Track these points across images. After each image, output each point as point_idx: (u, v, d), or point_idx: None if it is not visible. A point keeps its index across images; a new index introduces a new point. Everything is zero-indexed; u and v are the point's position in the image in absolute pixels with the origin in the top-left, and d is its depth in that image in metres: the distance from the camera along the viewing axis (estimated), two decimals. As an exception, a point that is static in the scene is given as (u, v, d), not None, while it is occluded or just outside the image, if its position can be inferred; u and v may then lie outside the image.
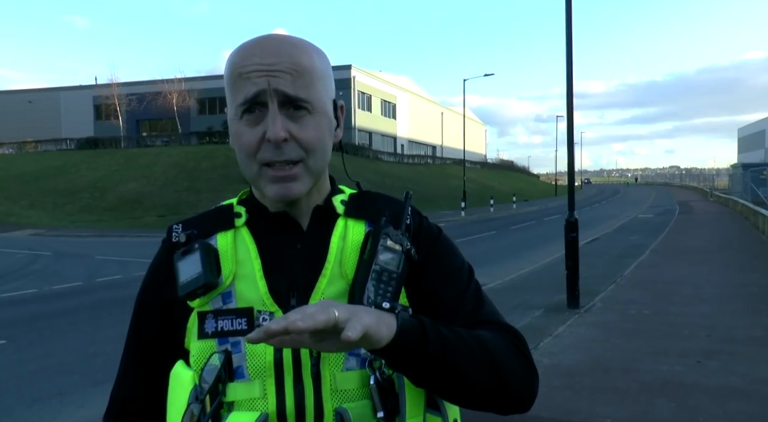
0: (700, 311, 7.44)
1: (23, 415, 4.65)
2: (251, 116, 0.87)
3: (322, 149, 0.91)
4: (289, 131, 0.86)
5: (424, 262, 0.95)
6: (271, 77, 0.85)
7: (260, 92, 0.86)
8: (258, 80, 0.85)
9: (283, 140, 0.86)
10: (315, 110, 0.89)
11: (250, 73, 0.86)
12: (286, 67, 0.86)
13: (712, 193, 41.57)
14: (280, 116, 0.86)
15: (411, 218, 0.96)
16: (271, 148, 0.86)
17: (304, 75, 0.87)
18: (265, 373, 0.87)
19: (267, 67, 0.85)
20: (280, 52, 0.87)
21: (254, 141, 0.87)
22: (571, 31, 8.36)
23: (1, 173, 36.11)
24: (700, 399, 4.46)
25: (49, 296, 9.89)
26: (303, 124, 0.88)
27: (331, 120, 0.94)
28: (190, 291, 0.89)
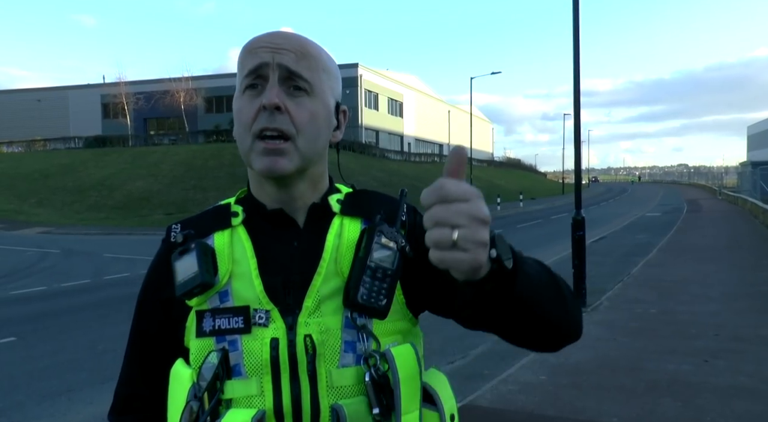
0: (708, 310, 7.41)
1: (33, 411, 4.69)
2: (253, 91, 0.90)
3: (314, 133, 0.92)
4: (285, 104, 0.89)
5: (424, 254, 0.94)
6: (276, 53, 0.90)
7: (263, 64, 0.89)
8: (263, 55, 0.90)
9: (276, 108, 0.88)
10: (314, 93, 0.92)
11: (257, 49, 0.90)
12: (292, 47, 0.91)
13: (720, 191, 41.27)
14: (277, 87, 0.89)
15: (406, 215, 0.96)
16: (266, 116, 0.88)
17: (309, 58, 0.92)
18: (262, 371, 0.87)
19: (275, 45, 0.90)
20: (291, 37, 0.93)
21: (252, 112, 0.89)
22: (578, 28, 8.34)
23: (11, 171, 36.36)
24: (708, 399, 4.44)
25: (57, 293, 9.96)
26: (299, 103, 0.90)
27: (331, 113, 0.96)
28: (187, 290, 0.90)
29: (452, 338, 6.37)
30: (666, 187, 74.44)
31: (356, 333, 0.89)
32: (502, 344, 4.66)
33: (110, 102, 49.24)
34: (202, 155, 34.97)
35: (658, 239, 15.70)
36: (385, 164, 43.91)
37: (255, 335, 0.89)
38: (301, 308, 0.90)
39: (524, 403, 4.47)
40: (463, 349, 6.07)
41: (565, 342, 0.91)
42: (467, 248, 0.67)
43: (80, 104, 52.60)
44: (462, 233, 0.66)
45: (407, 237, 0.94)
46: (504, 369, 5.30)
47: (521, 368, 5.30)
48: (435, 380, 0.96)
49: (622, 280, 9.80)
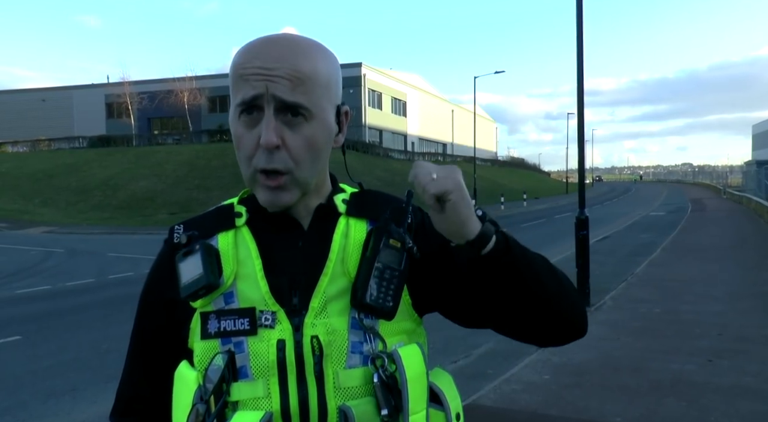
0: (712, 310, 7.39)
1: (38, 410, 4.72)
2: (248, 118, 0.88)
3: (312, 159, 0.91)
4: (283, 137, 0.87)
5: (431, 254, 0.95)
6: (270, 82, 0.86)
7: (257, 96, 0.86)
8: (257, 84, 0.86)
9: (275, 147, 0.86)
10: (312, 117, 0.89)
11: (249, 76, 0.86)
12: (285, 73, 0.86)
13: (725, 190, 41.13)
14: (273, 122, 0.87)
15: (413, 216, 0.96)
16: (264, 154, 0.87)
17: (305, 82, 0.87)
18: (268, 372, 0.87)
19: (267, 72, 0.86)
20: (283, 56, 0.87)
21: (251, 146, 0.88)
22: (581, 27, 8.32)
23: (16, 171, 36.49)
24: (712, 399, 4.43)
25: (62, 292, 10.00)
26: (297, 132, 0.88)
27: (331, 127, 0.94)
28: (192, 292, 0.89)
29: (455, 337, 6.37)
30: (670, 186, 74.22)
31: (363, 333, 0.89)
32: (505, 343, 4.68)
33: (114, 102, 49.37)
34: (205, 155, 35.02)
35: (661, 239, 15.66)
36: (389, 163, 43.90)
37: (261, 336, 0.88)
38: (307, 309, 0.89)
39: (527, 403, 4.47)
40: (467, 348, 6.07)
41: (569, 333, 0.93)
42: (445, 175, 0.84)
43: (84, 104, 52.72)
44: (437, 171, 0.84)
45: (414, 238, 0.94)
46: (507, 368, 5.30)
47: (524, 367, 5.30)
48: (440, 379, 0.97)
49: (625, 280, 9.78)
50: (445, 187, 0.82)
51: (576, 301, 0.94)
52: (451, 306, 0.98)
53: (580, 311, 0.95)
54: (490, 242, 0.86)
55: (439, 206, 0.83)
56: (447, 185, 0.83)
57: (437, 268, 0.95)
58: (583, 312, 0.96)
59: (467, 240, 0.85)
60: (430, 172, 0.84)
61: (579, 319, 0.94)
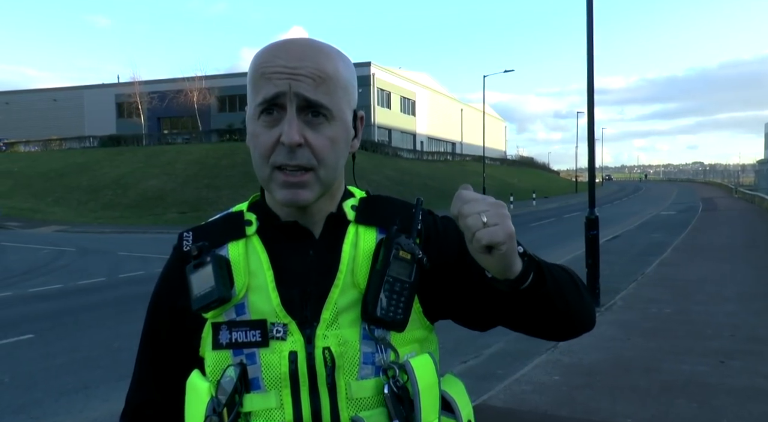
0: (724, 310, 7.33)
1: (51, 408, 4.76)
2: (269, 118, 0.87)
3: (334, 160, 0.90)
4: (305, 136, 0.86)
5: (443, 258, 0.95)
6: (293, 81, 0.85)
7: (280, 94, 0.85)
8: (279, 82, 0.85)
9: (297, 145, 0.85)
10: (333, 117, 0.88)
11: (272, 75, 0.85)
12: (309, 72, 0.85)
13: (736, 189, 40.80)
14: (296, 120, 0.85)
15: (422, 222, 0.96)
16: (285, 151, 0.86)
17: (327, 82, 0.87)
18: (280, 384, 0.87)
19: (290, 70, 0.85)
20: (306, 56, 0.86)
21: (269, 143, 0.86)
22: (592, 26, 8.27)
23: (28, 170, 36.82)
24: (724, 400, 4.40)
25: (74, 291, 10.09)
26: (319, 131, 0.87)
27: (350, 129, 0.93)
28: (204, 305, 0.88)
29: (465, 338, 6.36)
30: (680, 185, 73.70)
31: (375, 344, 0.89)
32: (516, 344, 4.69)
33: (124, 102, 49.67)
34: (215, 154, 35.16)
35: (672, 238, 15.55)
36: (398, 162, 43.87)
37: (273, 348, 0.88)
38: (318, 320, 0.89)
39: (538, 403, 4.46)
40: (477, 349, 6.06)
41: (582, 331, 0.98)
42: (496, 222, 0.80)
43: (95, 104, 53.08)
44: (488, 214, 0.80)
45: (424, 245, 0.93)
46: (517, 368, 5.28)
47: (535, 368, 5.28)
48: (452, 387, 0.97)
49: (636, 279, 9.72)
50: (497, 239, 0.79)
51: (588, 302, 0.99)
52: (464, 314, 0.98)
53: (591, 311, 1.00)
54: (528, 279, 0.87)
55: (488, 252, 0.81)
56: (498, 237, 0.79)
57: (450, 277, 0.95)
58: (593, 311, 1.01)
59: (508, 279, 0.85)
60: (479, 213, 0.80)
61: (591, 319, 1.00)
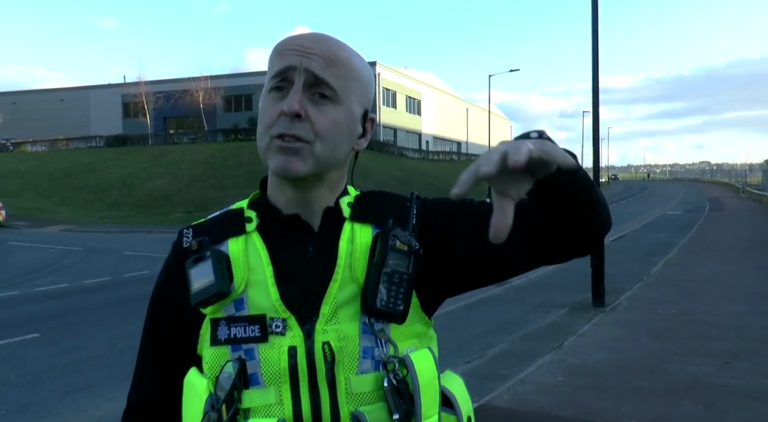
0: (730, 311, 7.29)
1: (56, 406, 4.79)
2: (278, 94, 0.90)
3: (333, 141, 0.90)
4: (306, 111, 0.88)
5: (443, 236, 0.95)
6: (305, 58, 0.88)
7: (290, 67, 0.88)
8: (292, 58, 0.89)
9: (296, 115, 0.87)
10: (339, 101, 0.90)
11: (287, 51, 0.90)
12: (321, 53, 0.89)
13: (744, 189, 40.57)
14: (300, 93, 0.88)
15: (416, 215, 0.96)
16: (286, 121, 0.88)
17: (338, 65, 0.90)
18: (280, 379, 0.87)
19: (304, 49, 0.89)
20: (323, 40, 0.91)
21: (274, 114, 0.89)
22: (597, 25, 8.25)
23: (35, 170, 37.02)
24: (729, 401, 4.38)
25: (79, 290, 10.13)
26: (322, 111, 0.89)
27: (356, 122, 0.94)
28: (203, 300, 0.89)
29: (469, 338, 6.36)
30: (687, 185, 73.32)
31: (374, 338, 0.89)
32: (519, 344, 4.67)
33: (131, 101, 49.84)
34: (221, 154, 35.25)
35: (678, 238, 15.49)
36: (403, 162, 43.88)
37: (272, 343, 0.88)
38: (317, 315, 0.89)
39: (541, 404, 4.45)
40: (480, 349, 6.05)
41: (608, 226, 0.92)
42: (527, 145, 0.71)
43: (101, 104, 53.29)
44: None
45: (420, 236, 0.94)
46: (521, 369, 5.27)
47: (539, 368, 5.27)
48: (451, 383, 0.97)
49: (641, 280, 9.69)
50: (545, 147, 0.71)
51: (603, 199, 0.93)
52: (477, 277, 0.97)
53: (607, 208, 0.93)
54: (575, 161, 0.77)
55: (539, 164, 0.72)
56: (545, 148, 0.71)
57: (446, 250, 0.95)
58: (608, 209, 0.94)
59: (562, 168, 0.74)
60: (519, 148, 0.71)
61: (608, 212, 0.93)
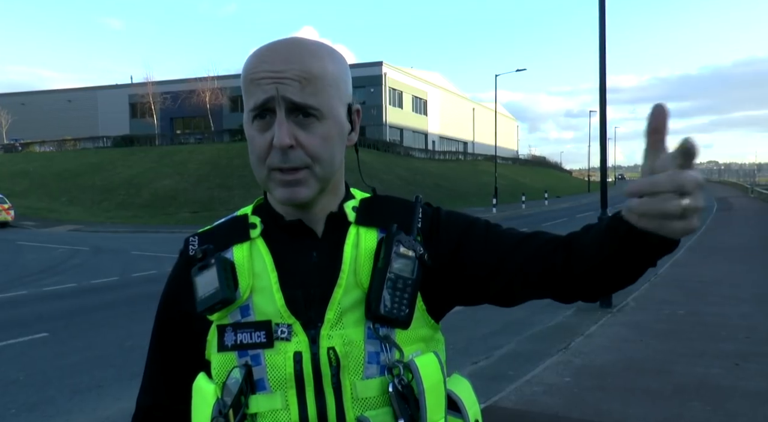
0: (739, 312, 7.25)
1: (65, 406, 4.81)
2: (261, 122, 0.89)
3: (329, 157, 0.91)
4: (296, 137, 0.87)
5: (447, 251, 0.96)
6: (280, 84, 0.86)
7: (269, 99, 0.87)
8: (267, 87, 0.87)
9: (288, 147, 0.87)
10: (324, 116, 0.89)
11: (260, 80, 0.87)
12: (294, 75, 0.87)
13: (752, 189, 40.36)
14: (286, 123, 0.87)
15: (423, 219, 0.97)
16: (279, 154, 0.87)
17: (314, 81, 0.88)
18: (286, 385, 0.88)
19: (276, 75, 0.87)
20: (291, 58, 0.88)
21: (264, 147, 0.88)
22: (604, 24, 8.21)
23: (43, 170, 37.26)
24: (738, 403, 4.35)
25: (87, 290, 10.19)
26: (310, 131, 0.88)
27: (343, 125, 0.94)
28: (208, 307, 0.89)
29: (476, 338, 6.35)
30: (695, 185, 72.76)
31: (379, 343, 0.89)
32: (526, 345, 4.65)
33: (138, 102, 50.07)
34: (227, 154, 35.35)
35: (686, 239, 15.30)
36: (410, 162, 43.86)
37: (278, 349, 0.89)
38: (322, 321, 0.89)
39: (548, 405, 4.44)
40: (487, 350, 6.03)
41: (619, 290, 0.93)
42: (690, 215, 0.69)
43: (109, 104, 53.57)
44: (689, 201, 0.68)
45: (426, 241, 0.94)
46: (528, 370, 5.26)
47: (546, 369, 5.25)
48: (458, 386, 0.97)
49: (649, 280, 9.64)
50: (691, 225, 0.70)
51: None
52: (476, 297, 0.98)
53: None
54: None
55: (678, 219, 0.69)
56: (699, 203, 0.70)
57: (455, 268, 0.95)
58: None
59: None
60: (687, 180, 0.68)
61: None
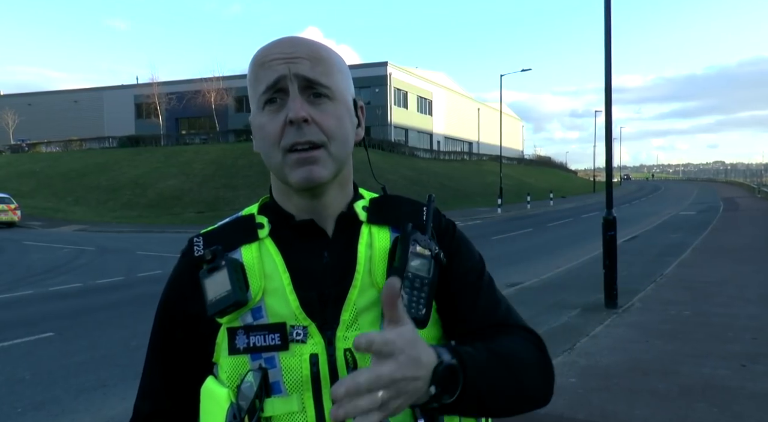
0: (746, 313, 7.20)
1: (70, 405, 4.82)
2: (273, 106, 0.88)
3: (343, 137, 0.90)
4: (310, 114, 0.87)
5: (449, 262, 0.95)
6: (291, 63, 0.87)
7: (281, 78, 0.87)
8: (279, 67, 0.87)
9: (303, 120, 0.86)
10: (335, 97, 0.90)
11: (271, 62, 0.88)
12: (305, 54, 0.88)
13: (759, 189, 40.13)
14: (300, 98, 0.87)
15: (435, 220, 0.97)
16: (294, 131, 0.86)
17: (323, 62, 0.90)
18: (302, 387, 0.86)
19: (287, 55, 0.88)
20: (300, 43, 0.90)
21: (278, 128, 0.87)
22: (609, 23, 8.18)
23: (49, 170, 37.42)
24: (745, 405, 4.32)
25: (93, 290, 10.22)
26: (324, 110, 0.88)
27: (352, 113, 0.94)
28: (220, 310, 0.87)
29: (480, 338, 6.32)
30: (700, 185, 72.68)
31: None
32: (532, 347, 4.41)
33: (143, 102, 50.26)
34: (232, 154, 35.42)
35: (692, 239, 15.33)
36: (415, 162, 43.84)
37: (293, 351, 0.87)
38: (338, 322, 0.88)
39: (554, 406, 4.42)
40: (492, 350, 6.03)
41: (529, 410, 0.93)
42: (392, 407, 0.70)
43: (114, 105, 53.79)
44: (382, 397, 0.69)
45: (438, 242, 0.94)
46: (533, 370, 5.25)
47: (551, 370, 5.23)
48: None
49: (654, 281, 9.59)
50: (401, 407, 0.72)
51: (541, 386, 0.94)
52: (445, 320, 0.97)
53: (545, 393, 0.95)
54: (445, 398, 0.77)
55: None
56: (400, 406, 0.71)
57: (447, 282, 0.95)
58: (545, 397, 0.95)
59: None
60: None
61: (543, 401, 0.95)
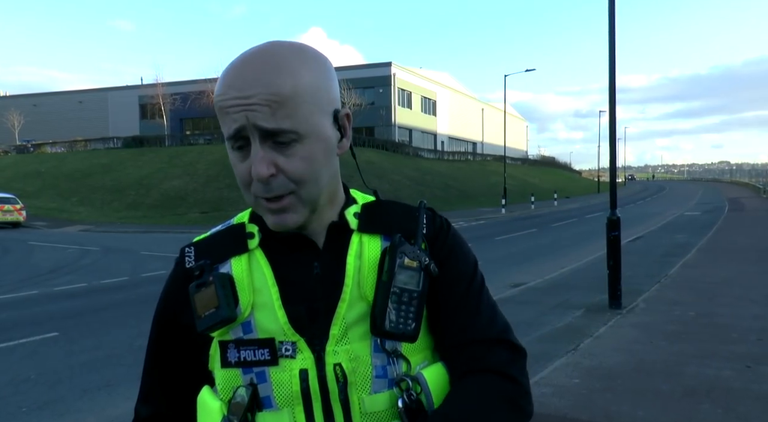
0: (751, 314, 7.17)
1: (75, 404, 4.84)
2: (240, 152, 0.86)
3: (313, 178, 0.86)
4: (276, 164, 0.83)
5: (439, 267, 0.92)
6: (249, 111, 0.81)
7: (241, 128, 0.83)
8: (237, 116, 0.82)
9: (269, 177, 0.83)
10: (303, 136, 0.83)
11: (229, 109, 0.83)
12: (263, 100, 0.81)
13: (765, 189, 39.98)
14: (262, 152, 0.82)
15: (426, 226, 0.94)
16: (260, 184, 0.84)
17: (285, 103, 0.82)
18: (293, 402, 0.86)
19: (244, 101, 0.81)
20: (258, 81, 0.81)
21: (246, 175, 0.85)
22: (613, 24, 8.16)
23: (54, 170, 37.55)
24: (750, 406, 4.30)
25: (97, 290, 10.25)
26: (291, 154, 0.83)
27: (329, 139, 0.88)
28: (209, 326, 0.87)
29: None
30: (705, 185, 72.44)
31: (386, 356, 0.88)
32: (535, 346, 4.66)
33: (147, 103, 50.40)
34: (236, 155, 35.45)
35: (697, 239, 15.28)
36: (419, 162, 43.83)
37: (283, 367, 0.87)
38: (327, 336, 0.88)
39: (557, 406, 4.41)
40: (496, 350, 6.01)
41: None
42: None
43: (119, 105, 53.97)
44: None
45: (430, 248, 0.92)
46: (537, 371, 5.23)
47: (554, 370, 5.22)
48: None
49: (659, 281, 9.57)
50: None
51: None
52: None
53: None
54: None
55: None
56: None
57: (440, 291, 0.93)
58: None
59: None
60: None
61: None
